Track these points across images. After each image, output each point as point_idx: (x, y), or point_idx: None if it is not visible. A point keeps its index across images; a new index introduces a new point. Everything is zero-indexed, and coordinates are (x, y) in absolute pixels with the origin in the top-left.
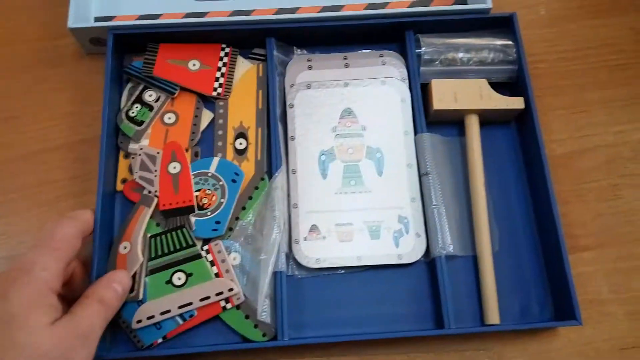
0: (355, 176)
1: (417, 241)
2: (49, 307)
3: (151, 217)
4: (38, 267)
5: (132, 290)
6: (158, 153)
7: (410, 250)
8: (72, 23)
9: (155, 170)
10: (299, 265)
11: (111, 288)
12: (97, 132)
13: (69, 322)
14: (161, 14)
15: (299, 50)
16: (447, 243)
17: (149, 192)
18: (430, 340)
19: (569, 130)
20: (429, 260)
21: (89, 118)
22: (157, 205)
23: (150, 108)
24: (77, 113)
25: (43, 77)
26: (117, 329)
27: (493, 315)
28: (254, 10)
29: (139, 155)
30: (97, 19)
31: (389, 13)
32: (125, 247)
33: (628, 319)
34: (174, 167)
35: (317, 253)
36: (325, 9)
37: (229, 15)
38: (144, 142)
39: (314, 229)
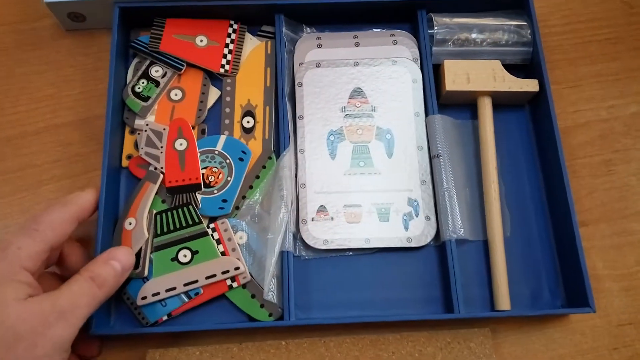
0: (365, 157)
1: (426, 224)
2: (18, 283)
3: (157, 193)
4: (13, 246)
5: (137, 266)
6: (164, 129)
7: (420, 233)
8: None
9: (162, 147)
10: (307, 246)
11: (108, 265)
12: (81, 115)
13: (46, 297)
14: None
15: (308, 29)
16: (458, 227)
17: (155, 168)
18: (439, 325)
19: (562, 106)
20: (438, 244)
21: (70, 100)
22: (163, 181)
23: (157, 84)
24: (58, 95)
25: (22, 60)
26: (122, 305)
27: (504, 301)
28: None
29: (145, 131)
30: None
31: None
32: (130, 224)
33: (623, 295)
34: (181, 144)
35: (324, 234)
36: None
37: None
38: (150, 118)
39: (322, 209)
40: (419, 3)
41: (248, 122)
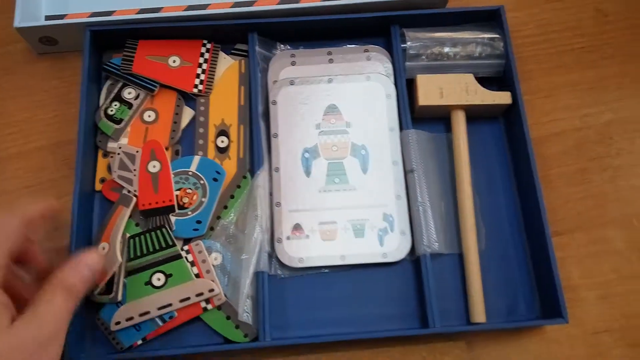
0: (340, 174)
1: (402, 239)
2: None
3: (130, 217)
4: None
5: (110, 291)
6: (137, 152)
7: (395, 248)
8: (18, 22)
9: (135, 169)
10: (282, 265)
11: (79, 273)
12: (53, 139)
13: (31, 320)
14: (114, 11)
15: (282, 46)
16: (433, 241)
17: (128, 191)
18: (416, 340)
19: (536, 116)
20: (414, 259)
21: (43, 125)
22: (136, 204)
23: (130, 106)
24: (31, 120)
25: None
26: (96, 330)
27: (479, 314)
28: (209, 4)
29: (118, 154)
30: (47, 18)
31: (373, 5)
32: (103, 248)
33: (599, 303)
34: (154, 166)
35: (300, 252)
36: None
37: (185, 10)
38: (123, 140)
39: (297, 227)
40: (392, 18)
41: (222, 141)
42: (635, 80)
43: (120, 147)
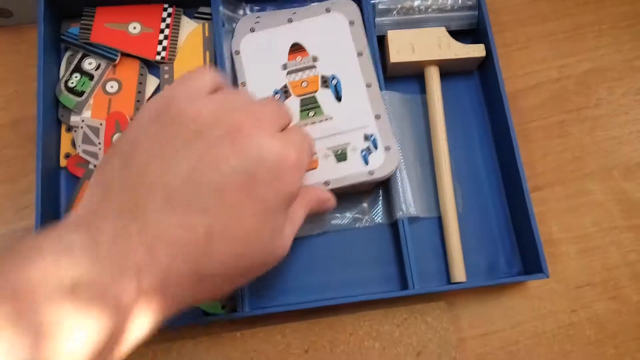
0: (314, 107)
1: (387, 155)
2: None
3: None
4: None
5: None
6: (101, 124)
7: (381, 165)
8: None
9: (100, 143)
10: None
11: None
12: (15, 115)
13: None
14: None
15: (248, 6)
16: (409, 204)
17: (94, 166)
18: (398, 302)
19: (512, 69)
20: (392, 222)
21: (3, 101)
22: None
23: (91, 77)
24: None
25: None
26: None
27: (459, 274)
28: None
29: (81, 127)
30: None
31: None
32: None
33: (580, 257)
34: None
35: None
36: None
37: None
38: (86, 113)
39: None
40: None
41: None
42: (613, 27)
43: (83, 121)
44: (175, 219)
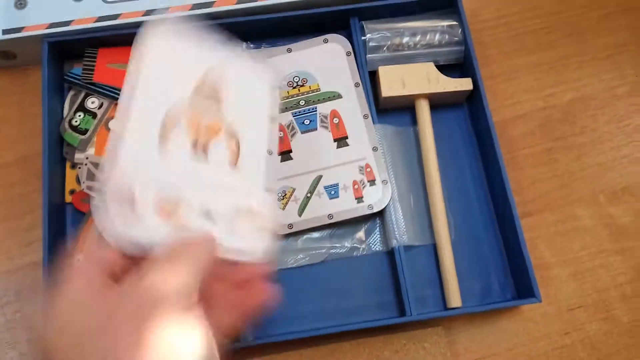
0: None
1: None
2: None
3: None
4: None
5: None
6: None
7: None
8: None
9: None
10: None
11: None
12: (20, 154)
13: None
14: (72, 20)
15: (244, 44)
16: (402, 233)
17: None
18: (395, 328)
19: (499, 99)
20: (388, 250)
21: (8, 140)
22: None
23: (94, 115)
24: None
25: None
26: None
27: (455, 299)
28: (169, 7)
29: (85, 164)
30: (5, 32)
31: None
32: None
33: (571, 280)
34: None
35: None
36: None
37: (143, 15)
38: (90, 150)
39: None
40: (351, 11)
41: None
42: (595, 58)
43: (87, 158)
44: None
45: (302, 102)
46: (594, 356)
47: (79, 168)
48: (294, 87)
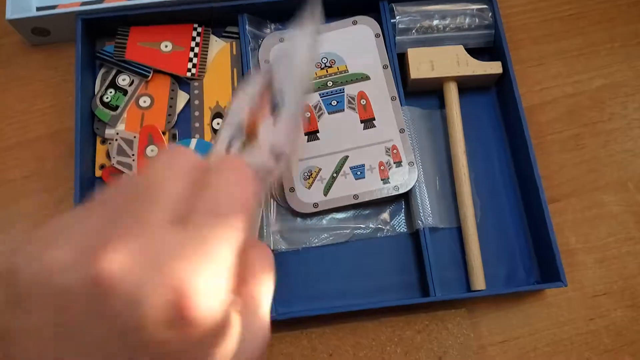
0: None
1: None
2: None
3: None
4: None
5: None
6: (135, 137)
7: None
8: (10, 14)
9: (133, 155)
10: (296, 213)
11: None
12: (52, 128)
13: None
14: None
15: (272, 25)
16: (427, 215)
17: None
18: (418, 309)
19: (528, 84)
20: (413, 232)
21: (41, 114)
22: None
23: (125, 92)
24: (28, 111)
25: None
26: None
27: (479, 282)
28: None
29: (116, 140)
30: (39, 9)
31: None
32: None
33: (597, 266)
34: (152, 150)
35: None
36: None
37: None
38: (120, 126)
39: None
40: None
41: (218, 123)
42: (625, 45)
43: (117, 133)
44: None
45: (329, 83)
46: (619, 342)
47: (110, 144)
48: (322, 68)
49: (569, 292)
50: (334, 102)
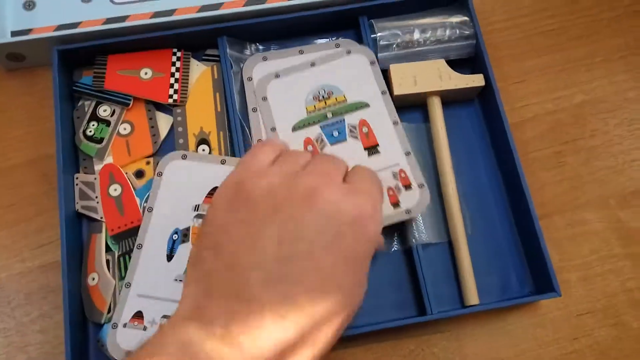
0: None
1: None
2: None
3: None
4: None
5: (109, 311)
6: (95, 178)
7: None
8: None
9: (97, 197)
10: None
11: None
12: (30, 156)
13: None
14: (80, 22)
15: (252, 46)
16: (422, 232)
17: (96, 219)
18: (407, 330)
19: (510, 102)
20: (405, 249)
21: (18, 142)
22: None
23: (107, 123)
24: (5, 138)
25: None
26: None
27: (472, 296)
28: (175, 9)
29: (76, 185)
30: (14, 34)
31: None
32: (93, 279)
33: (580, 284)
34: (115, 190)
35: None
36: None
37: (151, 17)
38: (108, 159)
39: None
40: (359, 10)
41: (204, 150)
42: (606, 60)
43: (77, 178)
44: (277, 295)
45: (329, 115)
46: None
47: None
48: (320, 100)
49: (554, 312)
50: (335, 133)
